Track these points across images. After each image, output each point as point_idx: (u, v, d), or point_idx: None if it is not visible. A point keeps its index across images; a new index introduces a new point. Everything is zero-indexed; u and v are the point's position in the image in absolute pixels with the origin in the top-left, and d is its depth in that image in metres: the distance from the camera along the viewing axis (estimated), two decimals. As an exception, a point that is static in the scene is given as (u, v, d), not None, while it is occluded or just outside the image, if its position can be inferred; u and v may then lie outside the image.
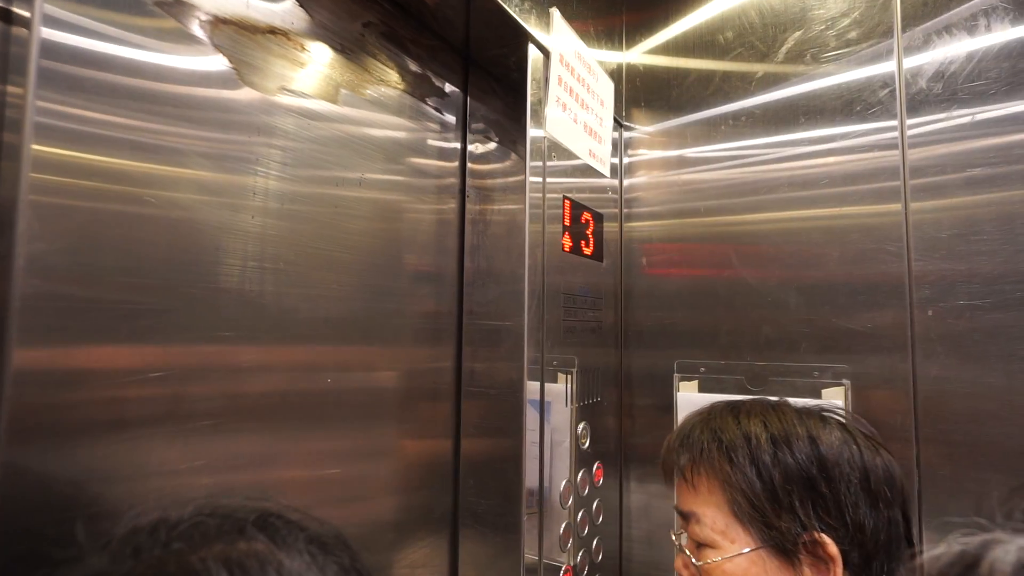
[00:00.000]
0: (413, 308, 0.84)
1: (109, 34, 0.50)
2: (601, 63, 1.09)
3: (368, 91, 0.78)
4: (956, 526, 0.91)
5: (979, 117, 0.91)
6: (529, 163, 0.85)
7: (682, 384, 1.12)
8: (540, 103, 0.88)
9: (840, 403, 0.74)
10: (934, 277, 0.93)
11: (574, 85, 0.97)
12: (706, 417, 0.70)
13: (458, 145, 0.94)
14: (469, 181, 0.94)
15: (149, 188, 0.53)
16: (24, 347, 0.44)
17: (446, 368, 0.89)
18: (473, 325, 0.91)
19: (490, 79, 0.95)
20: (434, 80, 0.89)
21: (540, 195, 0.89)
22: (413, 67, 0.85)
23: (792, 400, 0.75)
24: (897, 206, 0.97)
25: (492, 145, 0.94)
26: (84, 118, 0.49)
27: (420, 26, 0.85)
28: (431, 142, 0.89)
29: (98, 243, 0.50)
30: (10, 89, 0.46)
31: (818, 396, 1.00)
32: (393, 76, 0.82)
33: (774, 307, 1.06)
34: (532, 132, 0.86)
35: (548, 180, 0.91)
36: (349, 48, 0.75)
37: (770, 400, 0.72)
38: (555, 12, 0.90)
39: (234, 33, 0.60)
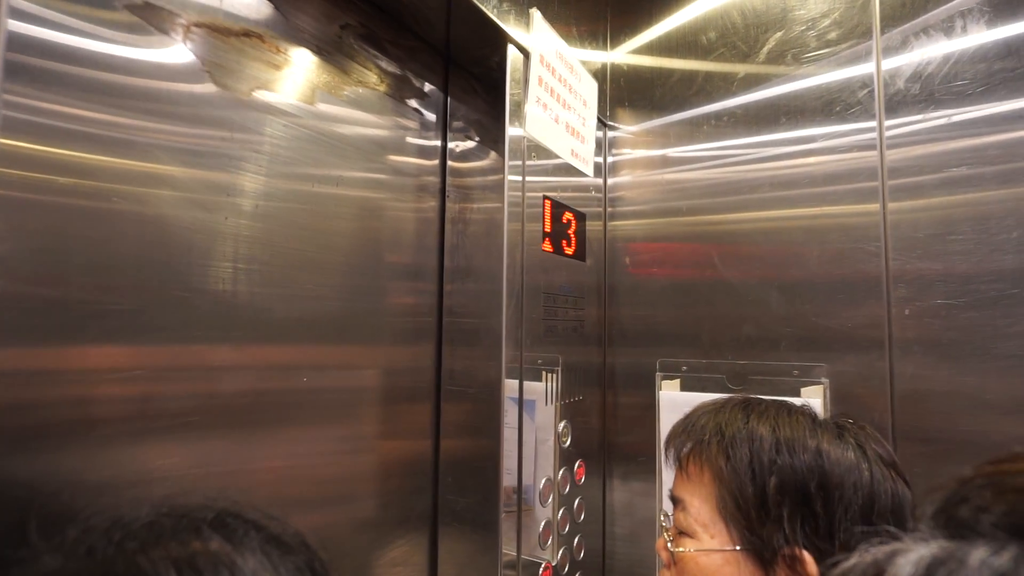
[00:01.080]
0: (392, 307, 0.85)
1: (77, 28, 0.50)
2: (585, 63, 1.10)
3: (349, 92, 0.78)
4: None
5: (955, 119, 0.92)
6: (508, 163, 0.86)
7: (664, 383, 1.13)
8: (520, 103, 0.89)
9: (861, 424, 0.71)
10: (911, 276, 0.94)
11: (555, 85, 0.97)
12: (717, 408, 0.69)
13: (438, 144, 0.94)
14: (449, 180, 0.95)
15: (118, 184, 0.53)
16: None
17: (426, 366, 0.90)
18: (453, 324, 0.91)
19: (471, 79, 0.96)
20: (414, 80, 0.89)
21: (519, 194, 0.89)
22: (393, 68, 0.85)
23: (816, 405, 0.74)
24: (875, 206, 0.98)
25: (472, 144, 0.94)
26: (51, 112, 0.48)
27: (399, 26, 0.86)
28: (411, 141, 0.89)
29: (68, 241, 0.49)
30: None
31: (797, 395, 1.01)
32: (373, 77, 0.82)
33: (755, 306, 1.07)
34: (511, 132, 0.87)
35: (529, 179, 0.91)
36: (327, 50, 0.75)
37: (790, 403, 0.70)
38: (535, 13, 0.90)
39: (209, 36, 0.61)
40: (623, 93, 1.24)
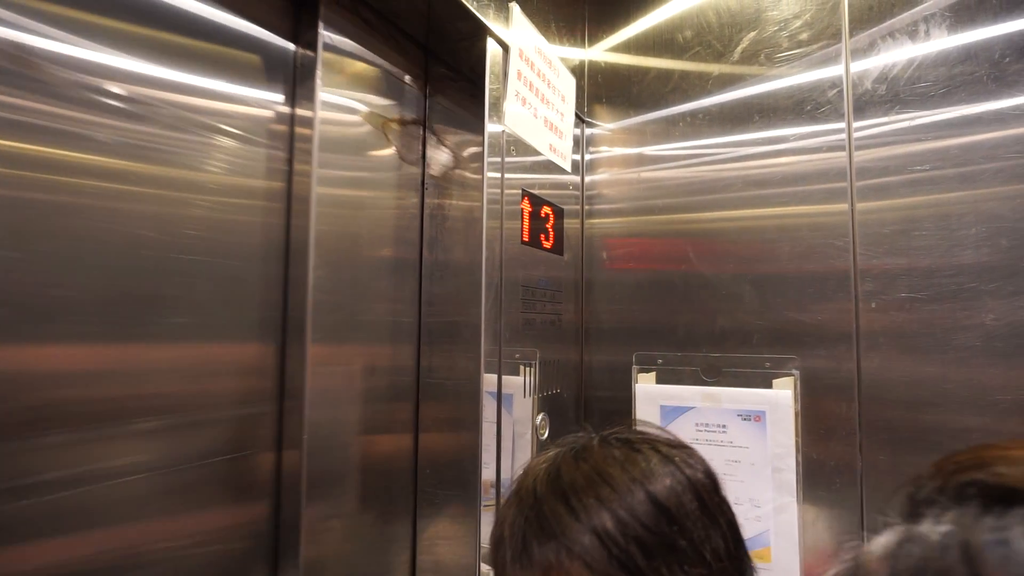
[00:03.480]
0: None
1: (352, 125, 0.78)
2: (564, 60, 1.10)
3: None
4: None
5: (918, 121, 0.95)
6: (487, 158, 0.86)
7: (640, 376, 1.14)
8: (499, 98, 0.89)
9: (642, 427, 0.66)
10: (877, 271, 0.97)
11: (534, 80, 0.97)
12: (533, 513, 0.58)
13: (419, 138, 0.94)
14: (428, 175, 0.94)
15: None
16: (316, 341, 0.69)
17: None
18: (432, 317, 0.91)
19: (450, 73, 0.95)
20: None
21: (498, 190, 0.89)
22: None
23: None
24: (844, 206, 1.01)
25: (452, 139, 0.94)
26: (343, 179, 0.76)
27: (380, 17, 0.85)
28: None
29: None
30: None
31: (769, 386, 1.03)
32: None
33: (729, 301, 1.09)
34: (491, 127, 0.87)
35: (508, 175, 0.91)
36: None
37: (578, 444, 0.63)
38: (514, 7, 0.91)
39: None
40: (601, 90, 1.26)
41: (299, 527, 0.67)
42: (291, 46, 0.71)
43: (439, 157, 0.95)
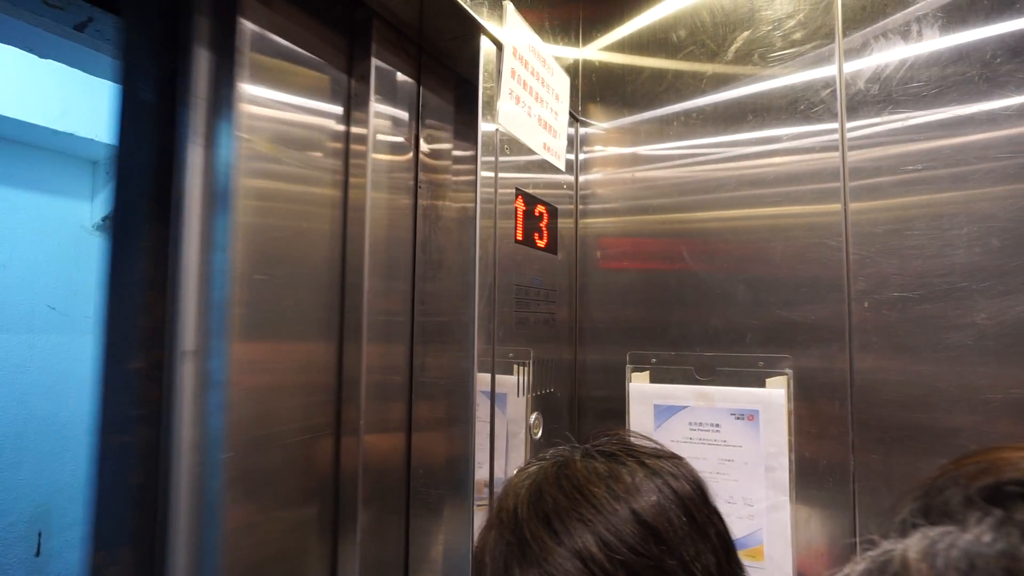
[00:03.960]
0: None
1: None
2: (558, 58, 1.10)
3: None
4: (883, 511, 0.95)
5: (911, 122, 0.96)
6: (481, 157, 0.86)
7: (634, 375, 1.14)
8: (493, 97, 0.89)
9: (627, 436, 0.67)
10: (870, 271, 0.97)
11: (528, 78, 0.97)
12: (514, 538, 0.55)
13: (411, 137, 0.93)
14: (421, 174, 0.94)
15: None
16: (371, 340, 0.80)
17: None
18: (424, 317, 0.91)
19: (443, 71, 0.95)
20: (388, 71, 0.88)
21: (492, 189, 0.89)
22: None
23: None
24: (837, 206, 1.01)
25: (445, 137, 0.94)
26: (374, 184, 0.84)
27: (372, 14, 0.84)
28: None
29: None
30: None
31: (762, 385, 1.04)
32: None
33: (723, 300, 1.09)
34: (484, 126, 0.87)
35: (501, 175, 0.91)
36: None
37: (558, 465, 0.61)
38: (508, 5, 0.90)
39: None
40: (595, 89, 1.26)
41: (357, 500, 0.78)
42: (344, 75, 0.83)
43: (432, 156, 0.94)
